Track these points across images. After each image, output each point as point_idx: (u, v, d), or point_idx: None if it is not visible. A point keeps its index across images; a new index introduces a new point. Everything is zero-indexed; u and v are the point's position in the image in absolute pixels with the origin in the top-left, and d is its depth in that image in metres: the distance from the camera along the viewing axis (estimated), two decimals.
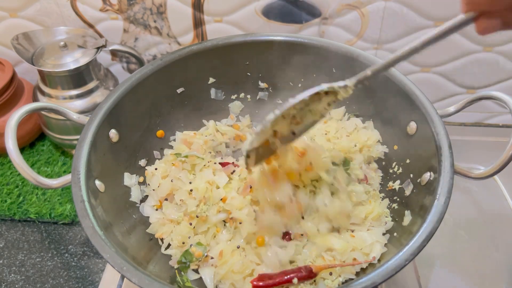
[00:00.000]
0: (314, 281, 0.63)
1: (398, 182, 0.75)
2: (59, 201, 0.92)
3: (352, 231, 0.69)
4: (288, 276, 0.61)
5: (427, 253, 0.69)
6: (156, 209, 0.76)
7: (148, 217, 0.76)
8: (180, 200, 0.73)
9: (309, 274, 0.61)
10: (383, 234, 0.69)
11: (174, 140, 0.86)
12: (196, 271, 0.69)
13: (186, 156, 0.79)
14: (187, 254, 0.68)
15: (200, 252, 0.68)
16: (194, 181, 0.75)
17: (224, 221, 0.72)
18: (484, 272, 0.81)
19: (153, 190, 0.77)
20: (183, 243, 0.71)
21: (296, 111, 0.62)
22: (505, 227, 0.87)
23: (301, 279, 0.61)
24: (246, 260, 0.66)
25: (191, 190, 0.73)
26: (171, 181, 0.76)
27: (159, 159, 0.84)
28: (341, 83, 0.59)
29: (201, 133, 0.87)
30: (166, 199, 0.76)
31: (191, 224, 0.71)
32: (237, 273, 0.65)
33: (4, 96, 0.95)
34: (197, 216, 0.71)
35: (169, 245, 0.73)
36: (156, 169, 0.79)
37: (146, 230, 0.74)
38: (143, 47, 1.05)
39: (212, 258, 0.68)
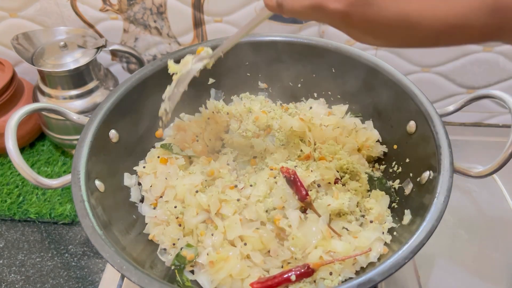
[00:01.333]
0: (314, 281, 0.63)
1: (398, 181, 0.75)
2: (59, 201, 0.92)
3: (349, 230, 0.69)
4: (287, 275, 0.61)
5: (427, 253, 0.69)
6: (154, 208, 0.76)
7: None
8: (166, 200, 0.74)
9: (307, 271, 0.61)
10: (383, 233, 0.69)
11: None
12: (193, 272, 0.69)
13: (177, 153, 0.79)
14: (180, 257, 0.67)
15: (192, 255, 0.67)
16: (175, 180, 0.74)
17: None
18: (484, 272, 0.81)
19: (146, 191, 0.77)
20: (174, 244, 0.70)
21: None
22: (505, 227, 0.87)
23: (299, 276, 0.61)
24: (243, 264, 0.65)
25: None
26: (165, 178, 0.75)
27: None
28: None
29: (196, 120, 0.86)
30: (161, 197, 0.76)
31: (180, 225, 0.71)
32: (236, 277, 0.64)
33: (4, 96, 0.95)
34: (176, 218, 0.71)
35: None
36: (144, 167, 0.78)
37: (143, 231, 0.73)
38: (143, 47, 1.05)
39: (202, 264, 0.67)
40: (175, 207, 0.72)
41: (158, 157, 0.79)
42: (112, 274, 0.79)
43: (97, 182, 0.69)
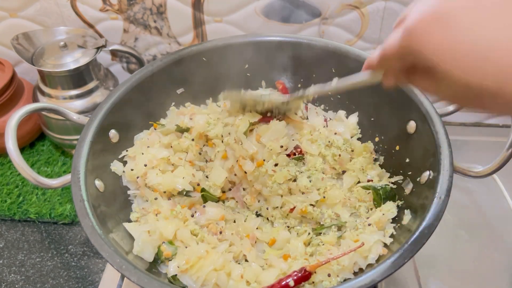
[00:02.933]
0: (313, 282, 0.63)
1: (397, 179, 0.75)
2: (59, 201, 0.92)
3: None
4: (284, 282, 0.60)
5: (427, 253, 0.69)
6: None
7: None
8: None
9: (304, 274, 0.60)
10: (384, 236, 0.68)
11: None
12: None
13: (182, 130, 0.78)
14: (159, 251, 0.67)
15: (169, 253, 0.66)
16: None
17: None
18: (484, 272, 0.81)
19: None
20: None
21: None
22: (505, 227, 0.87)
23: (298, 281, 0.60)
24: (228, 256, 0.65)
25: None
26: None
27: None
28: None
29: (201, 109, 0.84)
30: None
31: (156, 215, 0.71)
32: (220, 270, 0.63)
33: (4, 96, 0.95)
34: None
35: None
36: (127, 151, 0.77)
37: None
38: (143, 47, 1.05)
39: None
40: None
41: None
42: (112, 274, 0.79)
43: (97, 182, 0.69)
